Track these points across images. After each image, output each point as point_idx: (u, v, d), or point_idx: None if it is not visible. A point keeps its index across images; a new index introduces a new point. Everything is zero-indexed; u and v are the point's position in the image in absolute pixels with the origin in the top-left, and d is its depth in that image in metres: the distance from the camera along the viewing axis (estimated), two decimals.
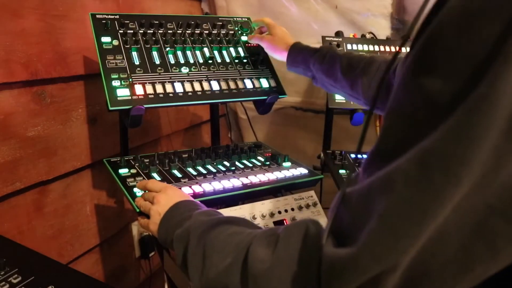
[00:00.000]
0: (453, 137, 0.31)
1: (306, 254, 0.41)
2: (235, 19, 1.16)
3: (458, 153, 0.31)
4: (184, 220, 0.63)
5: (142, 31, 0.99)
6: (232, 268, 0.48)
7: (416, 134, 0.33)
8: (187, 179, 0.89)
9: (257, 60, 1.10)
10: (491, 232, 0.33)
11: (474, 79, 0.30)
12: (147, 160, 0.96)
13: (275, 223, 0.85)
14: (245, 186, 0.89)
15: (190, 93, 0.96)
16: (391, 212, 0.33)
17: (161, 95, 0.92)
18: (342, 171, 1.13)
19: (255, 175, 0.94)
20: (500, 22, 0.30)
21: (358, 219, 0.36)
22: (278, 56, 1.06)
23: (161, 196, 0.72)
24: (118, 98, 0.87)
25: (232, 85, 1.02)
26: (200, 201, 0.75)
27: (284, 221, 0.86)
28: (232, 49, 1.09)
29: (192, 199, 0.74)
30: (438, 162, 0.31)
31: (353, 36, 1.37)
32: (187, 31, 1.05)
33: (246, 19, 1.17)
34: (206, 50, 1.05)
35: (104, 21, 0.95)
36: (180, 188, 0.82)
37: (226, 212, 0.82)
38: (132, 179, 0.87)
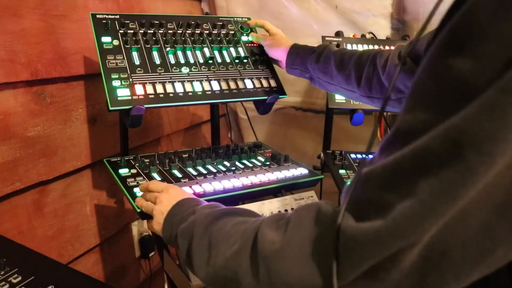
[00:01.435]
0: (486, 115, 0.31)
1: (320, 232, 0.41)
2: (235, 19, 1.16)
3: (492, 132, 0.30)
4: (188, 215, 0.63)
5: (142, 31, 0.99)
6: (240, 253, 0.48)
7: (443, 114, 0.33)
8: (187, 179, 0.89)
9: (257, 60, 1.10)
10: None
11: (509, 58, 0.30)
12: (147, 160, 0.96)
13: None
14: (245, 186, 0.89)
15: (190, 93, 0.96)
16: (424, 192, 0.33)
17: (161, 95, 0.92)
18: (342, 171, 1.13)
19: (255, 175, 0.94)
20: None
21: (383, 196, 0.36)
22: (277, 56, 1.07)
23: (163, 196, 0.73)
24: (118, 98, 0.87)
25: (232, 85, 1.02)
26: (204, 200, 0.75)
27: None
28: (232, 49, 1.09)
29: (194, 196, 0.74)
30: (472, 141, 0.31)
31: (353, 36, 1.37)
32: (187, 31, 1.05)
33: (246, 19, 1.17)
34: (206, 50, 1.05)
35: (105, 21, 0.95)
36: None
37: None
38: (132, 179, 0.87)
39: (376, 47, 1.31)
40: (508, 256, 0.35)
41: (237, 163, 1.01)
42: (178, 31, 1.04)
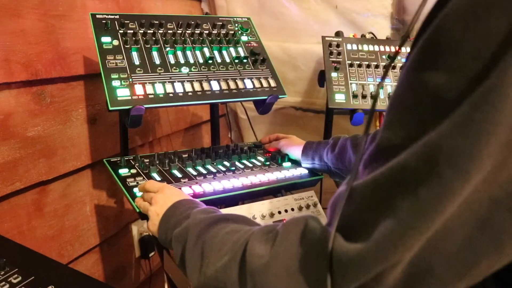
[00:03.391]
0: (461, 131, 0.31)
1: (305, 249, 0.41)
2: (235, 19, 1.16)
3: (467, 148, 0.30)
4: (182, 219, 0.63)
5: (142, 31, 0.99)
6: (230, 264, 0.48)
7: (420, 129, 0.33)
8: (187, 179, 0.89)
9: (257, 60, 1.10)
10: (495, 226, 0.33)
11: (482, 72, 0.30)
12: (147, 160, 0.96)
13: (275, 223, 0.85)
14: (245, 186, 0.89)
15: (190, 93, 0.96)
16: (402, 210, 0.33)
17: (161, 95, 0.92)
18: None
19: (255, 175, 0.94)
20: (508, 16, 0.29)
21: (365, 215, 0.36)
22: (294, 153, 1.06)
23: (158, 196, 0.72)
24: (118, 98, 0.87)
25: (232, 85, 1.02)
26: (200, 201, 0.75)
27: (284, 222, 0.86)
28: (232, 49, 1.09)
29: (189, 197, 0.74)
30: (447, 158, 0.31)
31: (353, 36, 1.37)
32: (187, 31, 1.05)
33: (246, 19, 1.17)
34: (206, 50, 1.05)
35: (104, 21, 0.95)
36: (180, 188, 0.82)
37: (226, 212, 0.82)
38: (132, 179, 0.87)
39: (376, 47, 1.31)
40: (492, 268, 0.35)
41: (237, 163, 1.01)
42: (178, 31, 1.04)
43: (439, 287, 0.34)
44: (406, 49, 1.33)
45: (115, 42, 0.94)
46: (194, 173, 0.93)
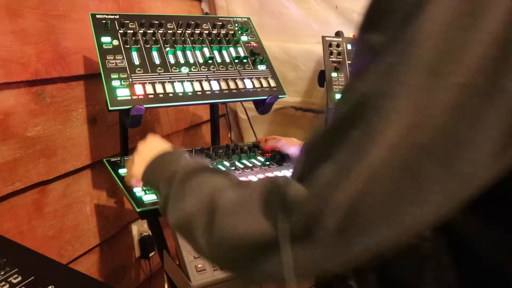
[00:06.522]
0: (382, 76, 0.35)
1: (265, 193, 0.44)
2: (235, 19, 1.16)
3: (385, 89, 0.35)
4: (172, 162, 0.63)
5: (142, 31, 0.99)
6: (201, 208, 0.50)
7: (361, 86, 0.37)
8: None
9: (257, 60, 1.10)
10: (422, 173, 0.34)
11: (400, 25, 0.35)
12: None
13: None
14: None
15: (190, 93, 0.96)
16: (331, 151, 0.37)
17: (161, 95, 0.92)
18: None
19: (255, 175, 0.94)
20: None
21: (313, 162, 0.40)
22: (293, 153, 1.06)
23: (141, 146, 0.73)
24: (118, 98, 0.87)
25: (232, 85, 1.02)
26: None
27: None
28: (232, 49, 1.09)
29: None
30: (369, 100, 0.36)
31: (353, 36, 1.37)
32: (187, 31, 1.05)
33: (246, 19, 1.17)
34: (206, 50, 1.05)
35: (104, 21, 0.95)
36: None
37: None
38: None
39: None
40: (419, 219, 0.35)
41: (236, 163, 1.01)
42: (178, 31, 1.04)
43: (371, 236, 0.36)
44: None
45: (115, 42, 0.94)
46: None
